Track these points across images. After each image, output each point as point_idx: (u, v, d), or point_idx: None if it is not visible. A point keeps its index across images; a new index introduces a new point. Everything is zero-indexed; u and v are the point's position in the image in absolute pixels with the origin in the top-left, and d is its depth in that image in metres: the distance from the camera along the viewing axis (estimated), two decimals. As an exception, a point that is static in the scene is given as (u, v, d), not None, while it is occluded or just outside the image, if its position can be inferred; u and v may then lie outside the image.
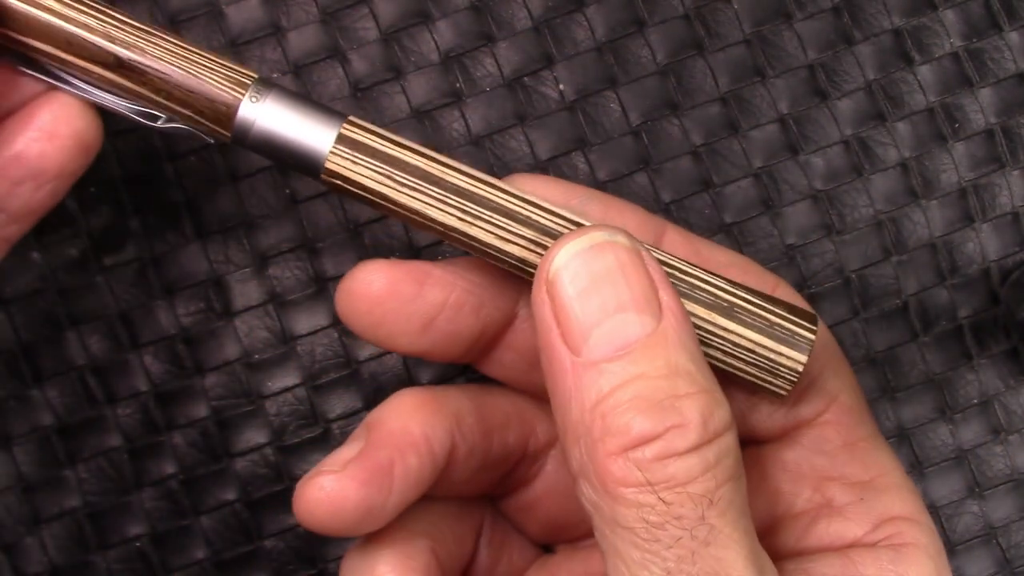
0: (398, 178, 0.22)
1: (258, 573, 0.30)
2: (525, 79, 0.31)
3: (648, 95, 0.31)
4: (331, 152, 0.22)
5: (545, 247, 0.22)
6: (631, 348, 0.20)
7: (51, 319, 0.30)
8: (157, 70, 0.23)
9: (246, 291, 0.30)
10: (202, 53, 0.23)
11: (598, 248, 0.21)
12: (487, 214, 0.22)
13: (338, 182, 0.23)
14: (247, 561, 0.30)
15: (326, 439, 0.30)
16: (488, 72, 0.31)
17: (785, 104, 0.32)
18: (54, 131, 0.23)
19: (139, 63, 0.23)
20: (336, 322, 0.30)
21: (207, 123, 0.23)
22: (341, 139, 0.23)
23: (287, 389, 0.30)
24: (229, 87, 0.23)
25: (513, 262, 0.23)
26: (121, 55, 0.22)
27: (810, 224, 0.32)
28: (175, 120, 0.24)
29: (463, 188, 0.23)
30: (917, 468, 0.32)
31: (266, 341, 0.30)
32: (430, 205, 0.23)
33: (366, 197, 0.23)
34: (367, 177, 0.23)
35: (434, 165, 0.23)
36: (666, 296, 0.21)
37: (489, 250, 0.23)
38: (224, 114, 0.23)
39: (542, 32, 0.31)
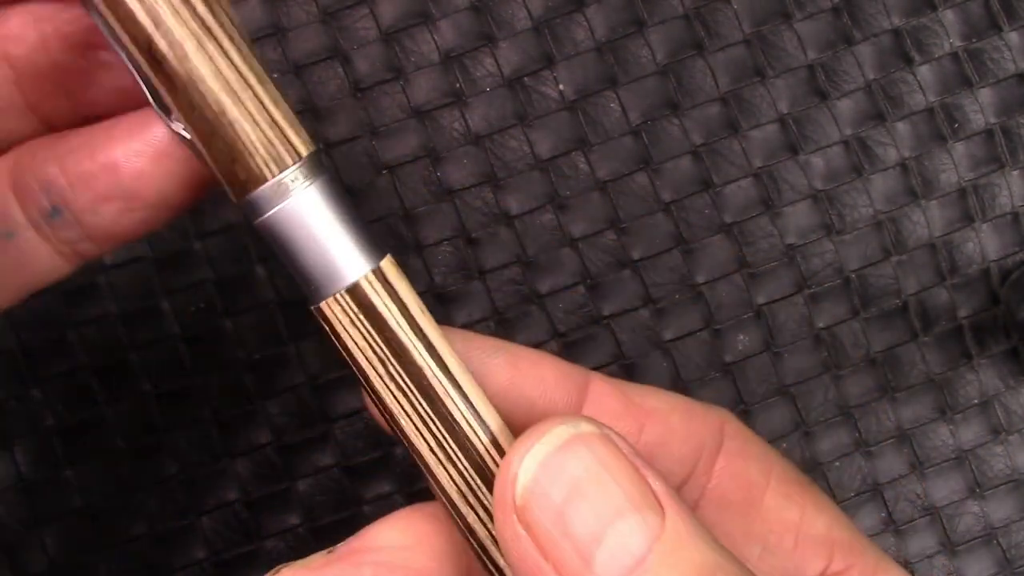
0: (391, 370, 0.18)
1: (258, 573, 0.30)
2: (525, 79, 0.31)
3: (648, 95, 0.31)
4: (333, 298, 0.18)
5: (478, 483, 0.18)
6: (645, 561, 0.16)
7: (51, 319, 0.30)
8: (185, 82, 0.18)
9: (247, 292, 0.30)
10: (260, 98, 0.18)
11: (567, 447, 0.17)
12: (463, 462, 0.18)
13: (323, 324, 0.18)
14: (247, 561, 0.30)
15: (326, 439, 0.30)
16: (488, 72, 0.31)
17: (785, 104, 0.32)
18: (165, 151, 0.19)
19: (171, 64, 0.17)
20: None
21: (217, 175, 0.18)
22: (353, 291, 0.18)
23: (288, 389, 0.30)
24: (265, 151, 0.18)
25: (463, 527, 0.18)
26: (156, 45, 0.17)
27: (810, 224, 0.32)
28: (188, 132, 0.19)
29: (453, 421, 0.18)
30: (917, 468, 0.32)
31: (267, 341, 0.30)
32: (408, 420, 0.18)
33: (342, 357, 0.18)
34: (356, 346, 0.18)
35: (438, 376, 0.18)
36: (655, 481, 0.17)
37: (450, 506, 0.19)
38: (239, 180, 0.18)
39: (542, 32, 0.31)
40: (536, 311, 0.31)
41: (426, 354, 0.18)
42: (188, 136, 0.18)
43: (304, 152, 0.18)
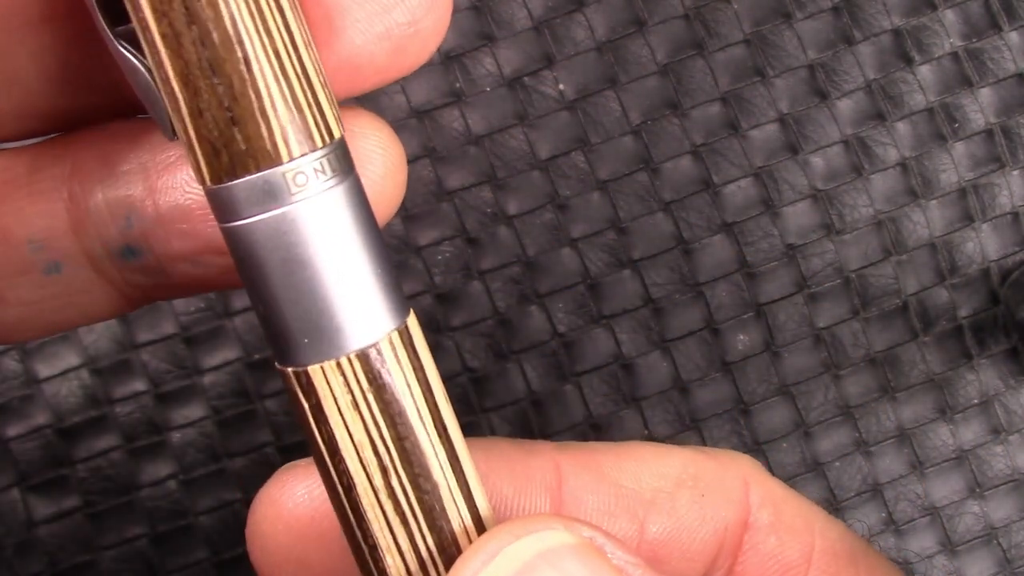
0: (393, 482, 0.12)
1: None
2: (525, 79, 0.31)
3: (648, 95, 0.31)
4: (335, 363, 0.12)
5: None
6: None
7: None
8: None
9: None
10: (296, 39, 0.12)
11: (528, 568, 0.12)
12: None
13: (298, 392, 0.12)
14: (247, 561, 0.30)
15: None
16: (488, 72, 0.31)
17: (785, 104, 0.32)
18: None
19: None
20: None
21: (189, 134, 0.12)
22: (366, 358, 0.12)
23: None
24: (289, 116, 0.12)
25: None
26: None
27: (810, 224, 0.32)
28: (142, 64, 0.12)
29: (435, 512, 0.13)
30: (917, 468, 0.32)
31: (265, 341, 0.30)
32: (396, 556, 0.12)
33: (309, 428, 0.12)
34: (350, 438, 0.12)
35: (456, 501, 0.13)
36: None
37: None
38: (229, 152, 0.11)
39: (542, 32, 0.31)
40: (536, 311, 0.31)
41: (447, 466, 0.12)
42: (139, 64, 0.12)
43: (337, 134, 0.12)
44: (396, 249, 0.30)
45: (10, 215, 0.14)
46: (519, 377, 0.31)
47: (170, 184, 0.14)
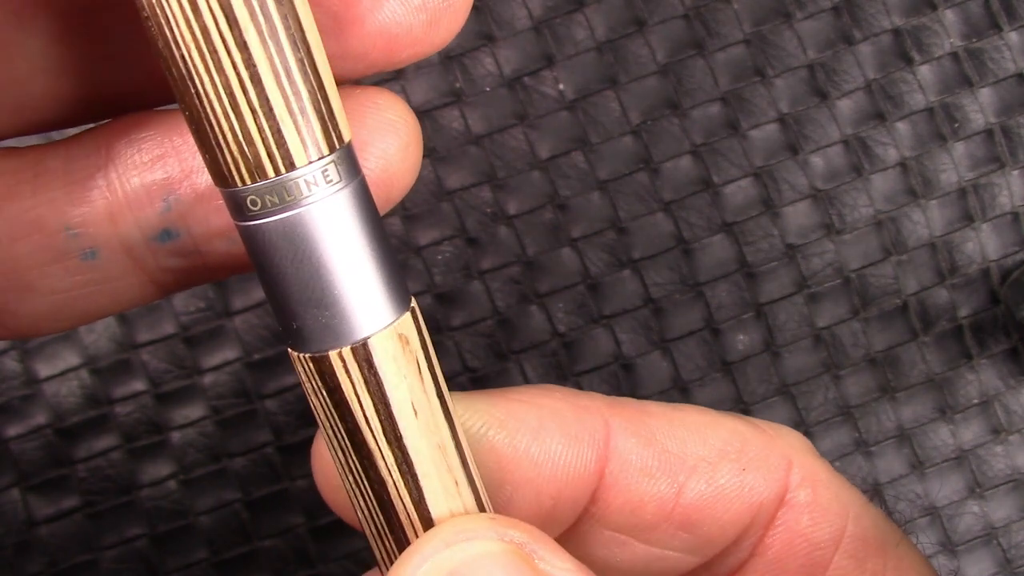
0: (373, 423, 0.13)
1: (258, 573, 0.30)
2: (525, 79, 0.31)
3: (648, 95, 0.31)
4: (350, 348, 0.13)
5: None
6: None
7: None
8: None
9: (246, 290, 0.30)
10: (308, 38, 0.12)
11: (457, 574, 0.13)
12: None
13: (315, 374, 0.13)
14: (247, 561, 0.30)
15: (326, 439, 0.30)
16: (488, 72, 0.31)
17: (785, 104, 0.32)
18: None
19: None
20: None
21: (205, 133, 0.12)
22: (365, 346, 0.13)
23: (287, 389, 0.30)
24: (303, 121, 0.12)
25: None
26: None
27: (810, 224, 0.32)
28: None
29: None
30: (918, 468, 0.32)
31: (266, 340, 0.30)
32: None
33: (328, 419, 0.14)
34: (363, 413, 0.13)
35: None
36: None
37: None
38: (246, 155, 0.12)
39: (542, 32, 0.31)
40: (536, 311, 0.31)
41: (436, 450, 0.13)
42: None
43: (347, 138, 0.13)
44: (396, 249, 0.30)
45: (45, 205, 0.14)
46: (519, 377, 0.31)
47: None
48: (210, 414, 0.30)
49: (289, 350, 0.13)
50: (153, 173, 0.14)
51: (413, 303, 0.13)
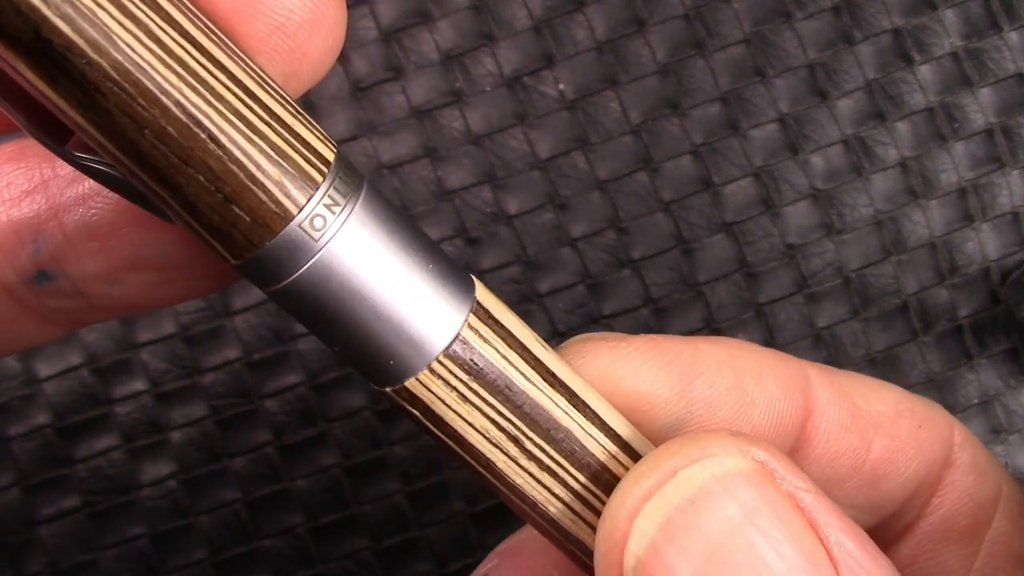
0: (528, 446, 0.12)
1: (258, 573, 0.30)
2: (525, 79, 0.31)
3: (648, 95, 0.31)
4: (428, 370, 0.12)
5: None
6: None
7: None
8: (116, 83, 0.10)
9: (246, 290, 0.30)
10: (246, 85, 0.11)
11: (702, 499, 0.12)
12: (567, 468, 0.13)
13: (407, 407, 0.12)
14: (247, 561, 0.30)
15: (326, 439, 0.30)
16: (488, 72, 0.31)
17: (785, 104, 0.32)
18: None
19: (81, 56, 0.10)
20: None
21: (194, 228, 0.11)
22: (455, 352, 0.12)
23: (287, 388, 0.30)
24: (279, 170, 0.11)
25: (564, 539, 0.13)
26: (49, 26, 0.10)
27: (810, 224, 0.32)
28: (110, 168, 0.12)
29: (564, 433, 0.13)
30: (917, 468, 0.32)
31: (266, 340, 0.30)
32: (560, 504, 0.13)
33: (444, 442, 0.13)
34: (473, 427, 0.12)
35: (593, 435, 0.13)
36: (836, 533, 0.12)
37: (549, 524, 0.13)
38: (239, 230, 0.11)
39: (542, 32, 0.31)
40: (536, 311, 0.31)
41: (571, 410, 0.13)
42: (117, 174, 0.11)
43: (331, 156, 0.12)
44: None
45: None
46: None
47: (74, 200, 0.13)
48: (210, 414, 0.30)
49: (383, 389, 0.12)
50: (21, 210, 0.13)
51: (476, 284, 0.13)
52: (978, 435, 0.32)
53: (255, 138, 0.11)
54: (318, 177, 0.11)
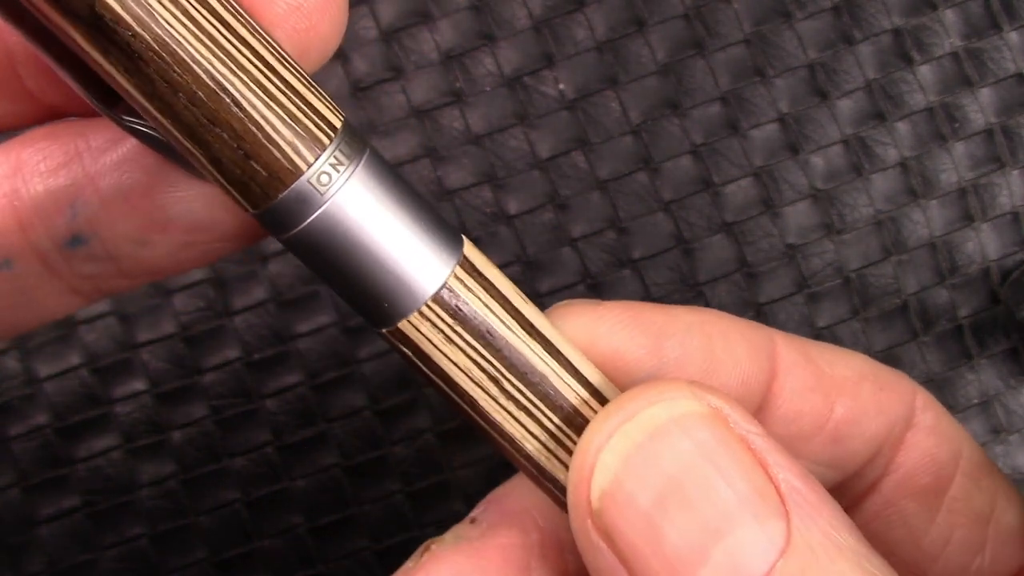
0: (507, 387, 0.14)
1: (258, 573, 0.30)
2: (525, 79, 0.31)
3: (648, 95, 0.31)
4: (418, 313, 0.14)
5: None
6: None
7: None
8: (157, 53, 0.12)
9: (246, 290, 0.30)
10: (264, 56, 0.13)
11: (660, 435, 0.13)
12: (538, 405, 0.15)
13: (400, 346, 0.14)
14: (247, 561, 0.30)
15: (326, 439, 0.30)
16: (488, 72, 0.31)
17: (785, 104, 0.32)
18: None
19: (128, 29, 0.12)
20: (336, 321, 0.30)
21: (218, 180, 0.13)
22: (442, 297, 0.14)
23: (287, 388, 0.30)
24: (291, 132, 0.13)
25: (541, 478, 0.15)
26: (99, 4, 0.12)
27: (810, 224, 0.32)
28: (151, 130, 0.14)
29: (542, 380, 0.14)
30: (917, 468, 0.32)
31: (266, 340, 0.30)
32: (536, 442, 0.15)
33: (433, 381, 0.14)
34: (457, 367, 0.14)
35: (528, 344, 0.14)
36: (784, 472, 0.13)
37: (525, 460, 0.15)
38: (256, 183, 0.13)
39: (542, 32, 0.31)
40: (536, 311, 0.31)
41: (547, 356, 0.14)
42: (157, 135, 0.14)
43: (338, 123, 0.13)
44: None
45: None
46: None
47: (108, 166, 0.15)
48: (210, 414, 0.30)
49: (380, 330, 0.14)
50: (58, 179, 0.15)
51: (465, 241, 0.14)
52: (978, 435, 0.32)
53: (272, 104, 0.13)
54: (325, 140, 0.13)
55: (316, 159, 0.13)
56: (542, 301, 0.31)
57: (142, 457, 0.30)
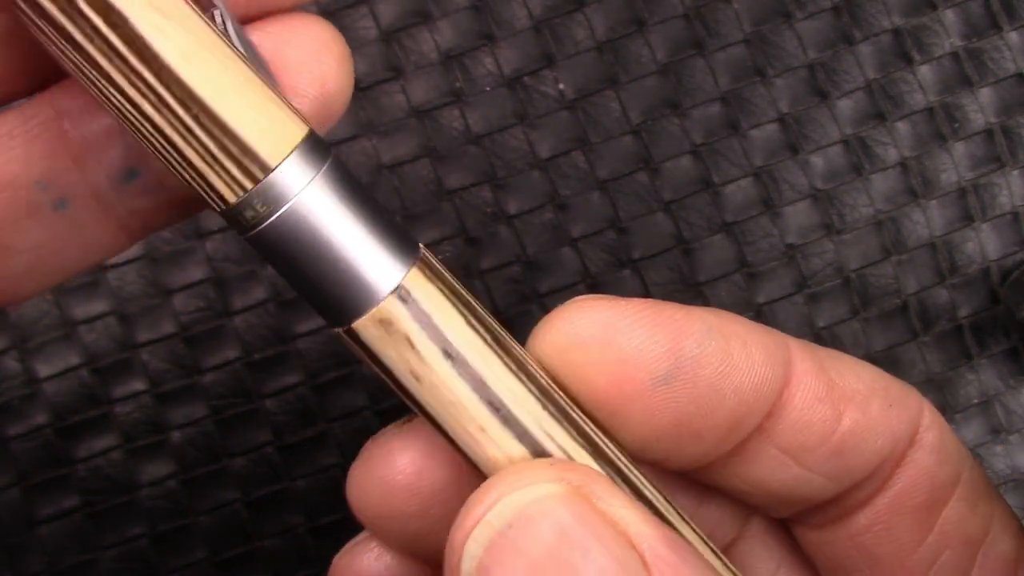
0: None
1: (258, 573, 0.30)
2: (525, 79, 0.31)
3: (648, 95, 0.31)
4: (370, 314, 0.14)
5: None
6: None
7: (50, 319, 0.30)
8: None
9: (246, 290, 0.30)
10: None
11: (521, 523, 0.14)
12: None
13: (354, 345, 0.15)
14: (247, 561, 0.30)
15: (326, 439, 0.30)
16: (488, 72, 0.31)
17: (785, 104, 0.32)
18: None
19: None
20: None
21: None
22: (392, 304, 0.14)
23: (287, 388, 0.30)
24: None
25: None
26: None
27: (810, 224, 0.32)
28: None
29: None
30: (917, 468, 0.32)
31: (266, 340, 0.30)
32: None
33: (373, 369, 0.15)
34: (393, 357, 0.14)
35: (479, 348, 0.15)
36: (648, 540, 0.14)
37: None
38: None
39: (542, 32, 0.31)
40: (536, 310, 0.31)
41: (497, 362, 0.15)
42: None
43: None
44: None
45: (14, 162, 0.15)
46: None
47: None
48: (210, 414, 0.30)
49: (335, 330, 0.14)
50: (103, 117, 0.15)
51: (422, 250, 0.15)
52: (978, 435, 0.32)
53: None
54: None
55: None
56: (542, 301, 0.31)
57: (142, 457, 0.30)
